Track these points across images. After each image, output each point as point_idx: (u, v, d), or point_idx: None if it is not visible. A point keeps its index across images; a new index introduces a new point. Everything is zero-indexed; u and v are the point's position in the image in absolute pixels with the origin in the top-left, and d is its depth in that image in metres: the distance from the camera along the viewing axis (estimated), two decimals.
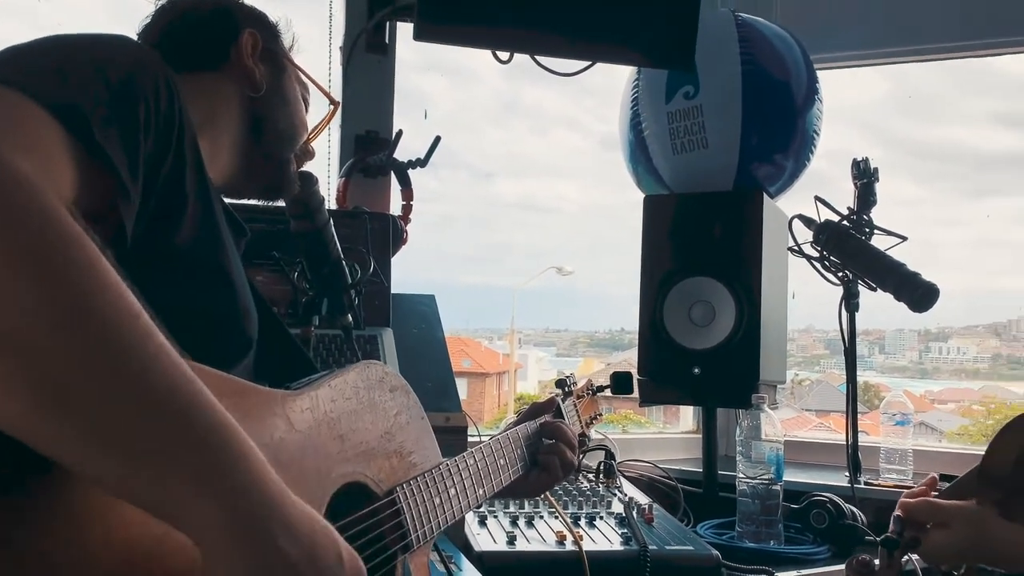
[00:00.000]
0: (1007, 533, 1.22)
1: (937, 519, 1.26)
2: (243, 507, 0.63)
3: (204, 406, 0.63)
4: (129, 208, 0.75)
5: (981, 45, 2.50)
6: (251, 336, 0.95)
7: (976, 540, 1.23)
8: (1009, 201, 5.18)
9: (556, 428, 1.40)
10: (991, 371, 4.90)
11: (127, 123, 0.75)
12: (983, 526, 1.24)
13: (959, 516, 1.25)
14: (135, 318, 0.60)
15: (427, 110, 2.53)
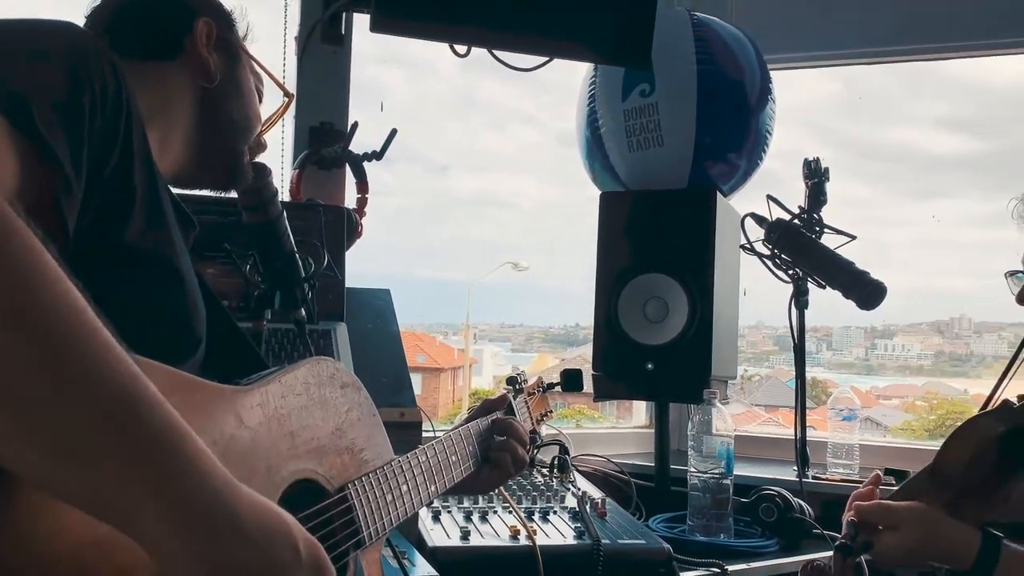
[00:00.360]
0: (955, 533, 1.26)
1: (889, 521, 1.29)
2: (193, 510, 0.62)
3: (151, 406, 0.61)
4: (72, 202, 0.72)
5: (929, 49, 2.57)
6: (200, 334, 0.93)
7: (925, 541, 1.27)
8: (953, 203, 5.34)
9: (508, 425, 1.40)
10: (934, 368, 5.03)
11: (71, 113, 0.73)
12: (932, 527, 1.27)
13: (910, 518, 1.28)
14: (79, 314, 0.59)
15: (383, 102, 2.51)
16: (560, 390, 1.72)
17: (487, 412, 1.45)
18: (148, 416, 0.61)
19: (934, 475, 1.31)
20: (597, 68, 2.23)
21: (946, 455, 1.31)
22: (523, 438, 1.40)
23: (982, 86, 3.60)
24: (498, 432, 1.40)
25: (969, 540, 1.24)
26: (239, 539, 0.64)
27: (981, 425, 1.30)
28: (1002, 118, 4.69)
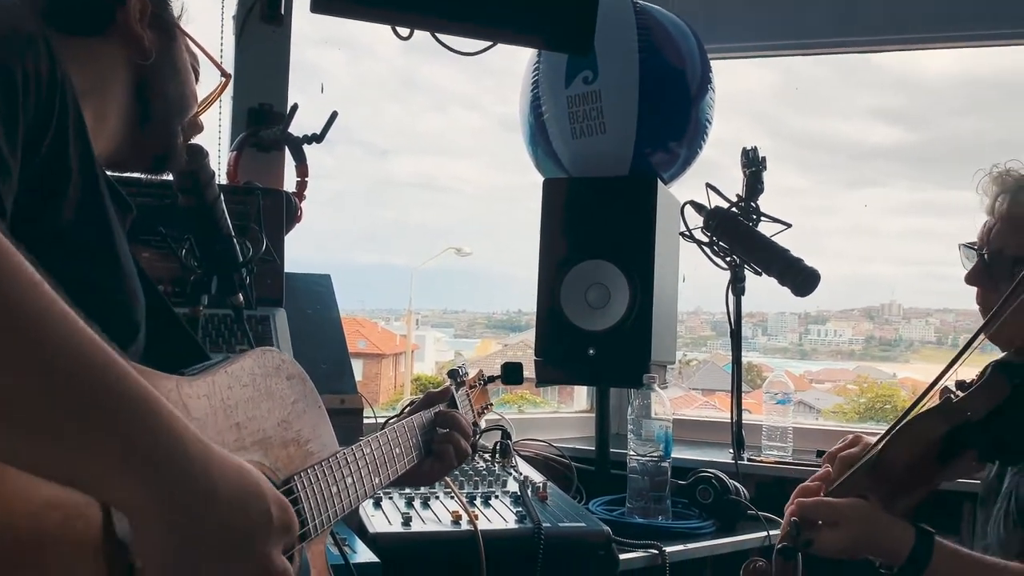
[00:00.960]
0: (891, 530, 1.29)
1: (830, 518, 1.31)
2: (168, 473, 0.63)
3: (120, 372, 0.61)
4: (8, 183, 0.70)
5: (863, 41, 2.63)
6: (139, 320, 0.91)
7: (864, 537, 1.29)
8: (884, 192, 5.49)
9: (451, 417, 1.40)
10: (864, 352, 5.18)
11: (4, 92, 0.70)
12: (871, 523, 1.30)
13: (851, 515, 1.30)
14: (36, 285, 0.58)
15: (323, 84, 2.47)
16: (501, 383, 1.72)
17: (430, 405, 1.45)
18: (117, 382, 0.61)
19: (875, 470, 1.33)
20: (541, 54, 2.23)
21: (889, 453, 1.33)
22: (466, 431, 1.40)
23: (913, 79, 3.71)
24: (441, 424, 1.40)
25: (904, 537, 1.27)
26: (214, 501, 0.65)
27: (925, 424, 1.31)
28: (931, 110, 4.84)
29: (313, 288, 2.00)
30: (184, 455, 0.64)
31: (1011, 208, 1.41)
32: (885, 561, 1.29)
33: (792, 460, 2.26)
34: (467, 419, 1.45)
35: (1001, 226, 1.43)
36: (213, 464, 0.66)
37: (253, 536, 0.69)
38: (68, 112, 0.78)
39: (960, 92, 3.94)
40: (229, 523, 0.66)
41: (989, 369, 1.31)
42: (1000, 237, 1.43)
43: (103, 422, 0.60)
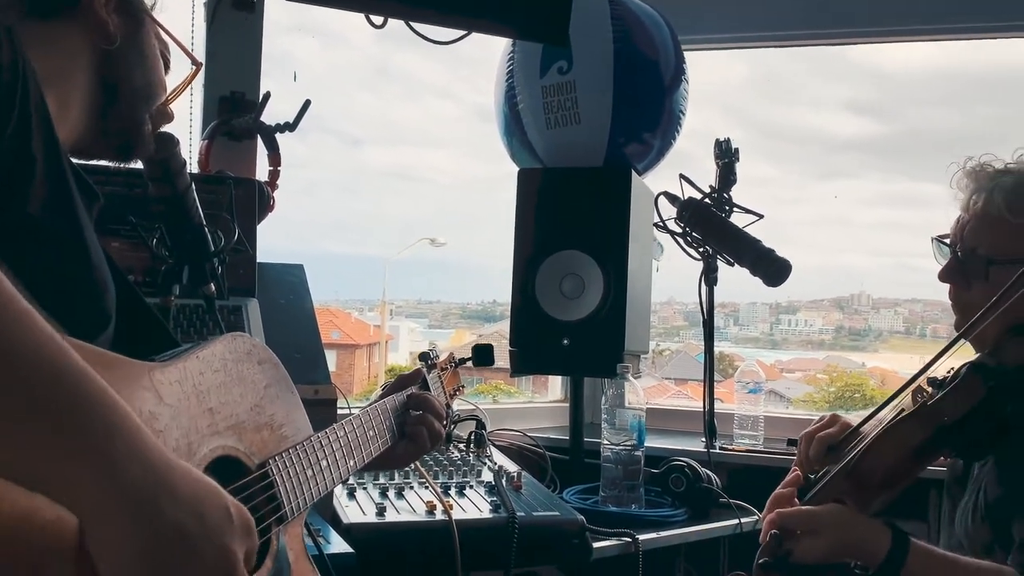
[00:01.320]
0: (868, 533, 1.30)
1: (810, 527, 1.32)
2: (124, 477, 0.62)
3: (75, 372, 0.61)
4: None
5: (835, 34, 2.66)
6: (109, 310, 0.90)
7: (843, 542, 1.31)
8: (854, 183, 5.56)
9: (423, 399, 1.40)
10: (834, 342, 5.25)
11: None
12: (850, 529, 1.31)
13: (829, 522, 1.31)
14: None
15: (295, 72, 2.45)
16: (471, 365, 1.73)
17: (402, 387, 1.45)
18: (75, 385, 0.61)
19: (852, 476, 1.34)
20: (516, 43, 2.23)
21: (867, 460, 1.34)
22: (439, 412, 1.40)
23: (883, 72, 3.75)
24: (414, 407, 1.40)
25: (880, 539, 1.29)
26: (175, 503, 0.65)
27: (905, 431, 1.33)
28: (900, 102, 4.90)
29: (286, 278, 1.98)
30: (142, 455, 0.64)
31: (985, 206, 1.40)
32: (864, 564, 1.30)
33: (763, 448, 2.29)
34: (440, 401, 1.45)
35: (975, 224, 1.42)
36: (172, 466, 0.66)
37: (218, 530, 0.68)
38: (30, 100, 0.77)
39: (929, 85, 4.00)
40: (191, 520, 0.66)
41: (964, 370, 1.31)
42: (974, 235, 1.42)
43: (59, 422, 0.60)
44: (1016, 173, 1.40)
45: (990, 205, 1.39)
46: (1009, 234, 1.37)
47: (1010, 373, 1.30)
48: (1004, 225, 1.38)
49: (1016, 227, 1.36)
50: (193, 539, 0.66)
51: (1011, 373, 1.30)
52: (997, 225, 1.39)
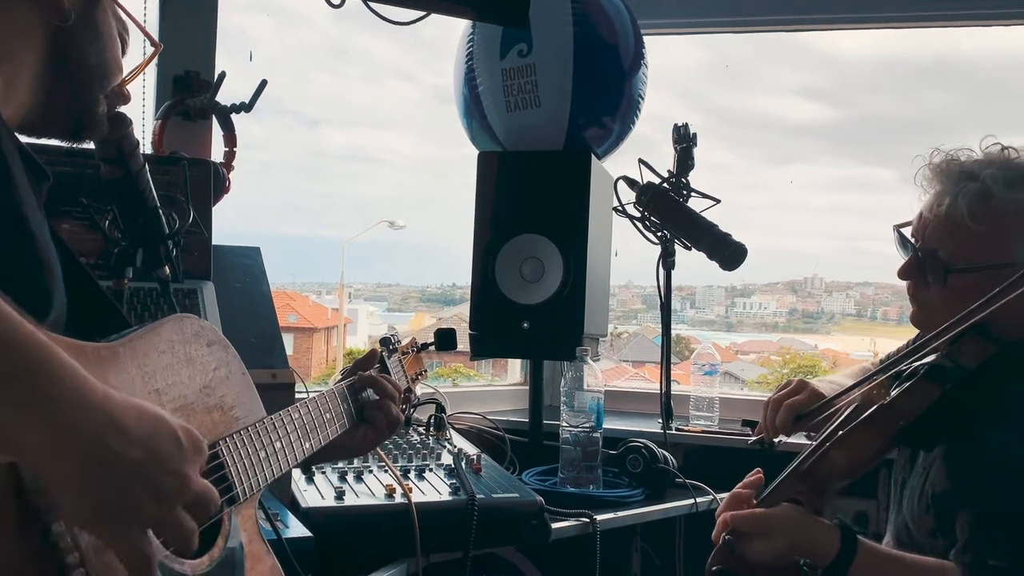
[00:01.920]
0: (819, 533, 1.33)
1: (761, 530, 1.35)
2: (69, 419, 0.64)
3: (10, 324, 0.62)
4: None
5: (791, 20, 2.69)
6: (55, 293, 0.88)
7: (794, 543, 1.34)
8: (808, 168, 5.65)
9: (376, 381, 1.38)
10: (788, 325, 5.35)
11: None
12: (801, 531, 1.35)
13: (781, 526, 1.35)
14: None
15: (251, 52, 2.40)
16: (434, 349, 1.73)
17: (360, 371, 1.44)
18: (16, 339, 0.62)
19: (807, 479, 1.37)
20: (475, 25, 2.21)
21: (823, 464, 1.36)
22: (393, 394, 1.38)
23: (836, 58, 3.81)
24: (367, 385, 1.37)
25: (830, 540, 1.32)
26: (124, 438, 0.67)
27: (863, 437, 1.35)
28: (853, 89, 4.98)
29: (242, 261, 1.96)
30: (86, 398, 0.66)
31: (949, 211, 1.39)
32: (814, 563, 1.33)
33: (718, 429, 2.33)
34: (399, 385, 1.45)
35: (936, 226, 1.42)
36: (113, 400, 0.68)
37: (169, 458, 0.71)
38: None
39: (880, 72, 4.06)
40: (144, 450, 0.69)
41: (922, 372, 1.34)
42: (936, 238, 1.42)
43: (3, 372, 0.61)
44: (981, 179, 1.38)
45: (953, 211, 1.38)
46: (969, 241, 1.38)
47: (967, 375, 1.32)
48: (965, 232, 1.38)
49: (977, 235, 1.37)
50: (144, 470, 0.69)
51: (968, 375, 1.32)
52: (959, 232, 1.38)
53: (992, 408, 1.33)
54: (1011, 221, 1.36)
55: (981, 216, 1.37)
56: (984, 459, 1.31)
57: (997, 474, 1.29)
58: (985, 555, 1.26)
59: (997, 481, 1.29)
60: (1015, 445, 1.28)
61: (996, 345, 1.33)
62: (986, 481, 1.30)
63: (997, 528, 1.26)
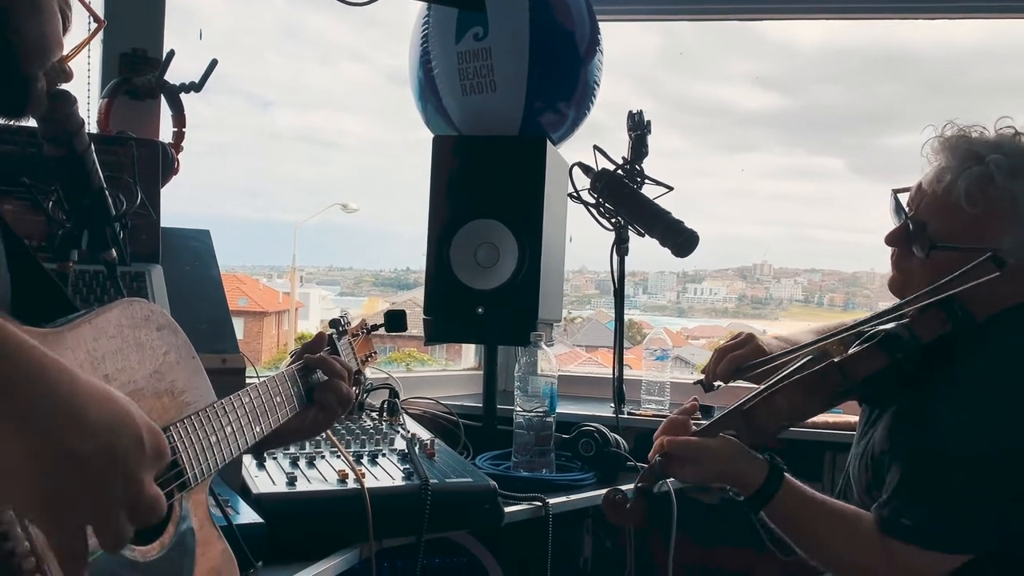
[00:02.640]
0: (749, 465, 1.41)
1: (693, 456, 1.42)
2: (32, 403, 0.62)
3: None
4: None
5: (745, 9, 2.72)
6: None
7: (722, 472, 1.42)
8: (759, 156, 5.73)
9: (324, 361, 1.36)
10: (737, 310, 5.44)
11: None
12: (731, 462, 1.41)
13: (713, 455, 1.41)
14: None
15: (202, 30, 2.35)
16: (384, 331, 1.72)
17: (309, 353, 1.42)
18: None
19: (747, 418, 1.42)
20: (431, 7, 2.19)
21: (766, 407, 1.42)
22: (342, 373, 1.36)
23: (788, 48, 3.86)
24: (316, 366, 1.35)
25: (757, 474, 1.40)
26: (83, 430, 0.65)
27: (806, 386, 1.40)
28: (804, 79, 5.06)
29: (191, 244, 1.92)
30: (44, 378, 0.63)
31: (947, 189, 1.42)
32: (739, 492, 1.42)
33: (669, 413, 2.36)
34: (348, 365, 1.44)
35: (932, 202, 1.45)
36: (79, 388, 0.66)
37: (126, 460, 0.68)
38: None
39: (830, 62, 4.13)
40: (100, 447, 0.66)
41: (879, 338, 1.38)
42: (928, 212, 1.46)
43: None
44: (985, 162, 1.40)
45: (952, 189, 1.41)
46: (961, 222, 1.41)
47: (920, 348, 1.36)
48: (959, 212, 1.41)
49: (970, 217, 1.40)
50: (98, 467, 0.66)
51: (922, 348, 1.36)
52: (952, 211, 1.41)
53: (940, 383, 1.38)
54: (1004, 209, 1.40)
55: (978, 199, 1.40)
56: (922, 428, 1.37)
57: (930, 445, 1.35)
58: (900, 513, 1.33)
59: (928, 451, 1.35)
60: (951, 421, 1.34)
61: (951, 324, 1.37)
62: (919, 449, 1.37)
63: (917, 492, 1.33)
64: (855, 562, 1.38)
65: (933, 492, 1.32)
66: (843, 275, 4.51)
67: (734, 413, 1.44)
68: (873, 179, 6.71)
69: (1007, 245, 1.38)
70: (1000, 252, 1.34)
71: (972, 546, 1.30)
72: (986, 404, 1.33)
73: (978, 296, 1.36)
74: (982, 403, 1.33)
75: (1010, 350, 1.38)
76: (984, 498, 1.29)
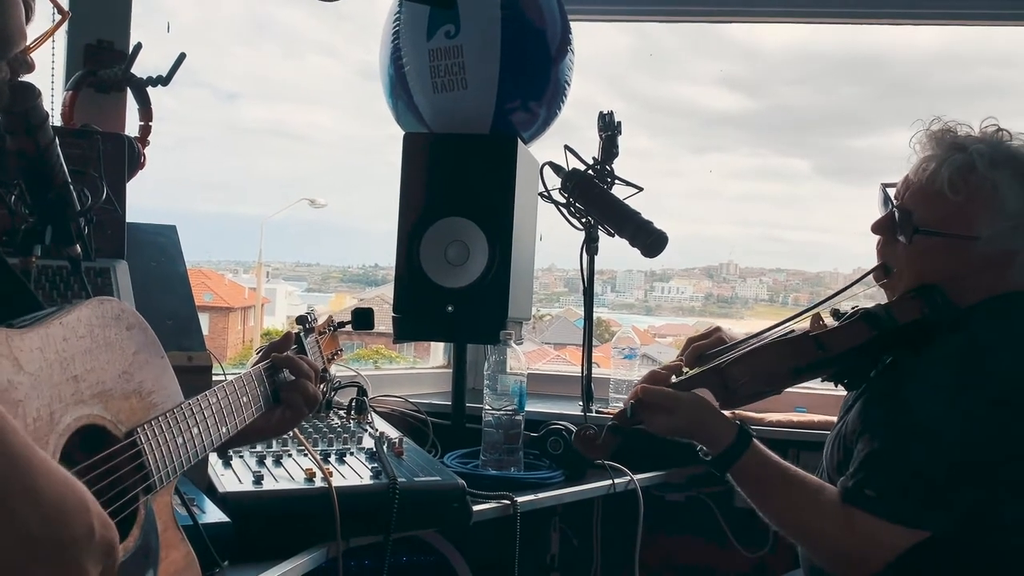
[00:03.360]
0: (719, 425, 1.47)
1: (667, 406, 1.49)
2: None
3: None
4: None
5: (713, 12, 2.74)
6: None
7: (692, 425, 1.49)
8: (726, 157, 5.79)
9: (291, 361, 1.36)
10: (704, 309, 5.48)
11: None
12: (702, 415, 1.48)
13: (684, 407, 1.48)
14: None
15: (169, 23, 2.32)
16: (351, 328, 1.72)
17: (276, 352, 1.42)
18: None
19: (721, 375, 1.50)
20: (402, 3, 2.18)
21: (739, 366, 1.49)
22: (309, 373, 1.37)
23: (755, 50, 3.91)
24: (283, 365, 1.36)
25: (726, 434, 1.46)
26: (35, 513, 0.62)
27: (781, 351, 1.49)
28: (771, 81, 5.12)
29: (157, 240, 1.90)
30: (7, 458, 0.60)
31: (931, 177, 1.46)
32: (708, 449, 1.49)
33: None
34: (315, 364, 1.43)
35: (917, 189, 1.49)
36: (36, 465, 0.63)
37: (73, 547, 0.65)
38: None
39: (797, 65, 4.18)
40: (48, 529, 0.63)
41: (856, 316, 1.47)
42: (913, 200, 1.50)
43: None
44: (968, 151, 1.45)
45: (935, 177, 1.45)
46: (943, 209, 1.45)
47: (897, 328, 1.44)
48: (942, 200, 1.45)
49: (953, 204, 1.44)
50: (49, 548, 0.63)
51: (898, 329, 1.44)
52: (935, 199, 1.46)
53: (912, 363, 1.45)
54: (986, 197, 1.44)
55: (960, 187, 1.44)
56: (890, 404, 1.42)
57: (896, 419, 1.40)
58: (864, 484, 1.37)
59: (894, 425, 1.39)
60: (920, 398, 1.39)
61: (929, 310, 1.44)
62: (885, 423, 1.41)
63: (881, 465, 1.37)
64: (817, 530, 1.42)
65: (897, 465, 1.36)
66: (807, 275, 4.57)
67: (709, 372, 1.51)
68: (838, 180, 6.81)
69: (987, 233, 1.43)
70: (981, 239, 1.42)
71: (932, 523, 1.33)
72: (956, 384, 1.37)
73: (960, 284, 1.44)
74: (952, 383, 1.37)
75: (985, 335, 1.42)
76: (946, 475, 1.32)
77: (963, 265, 1.45)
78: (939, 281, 1.46)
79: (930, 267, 1.47)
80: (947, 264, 1.46)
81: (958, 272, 1.46)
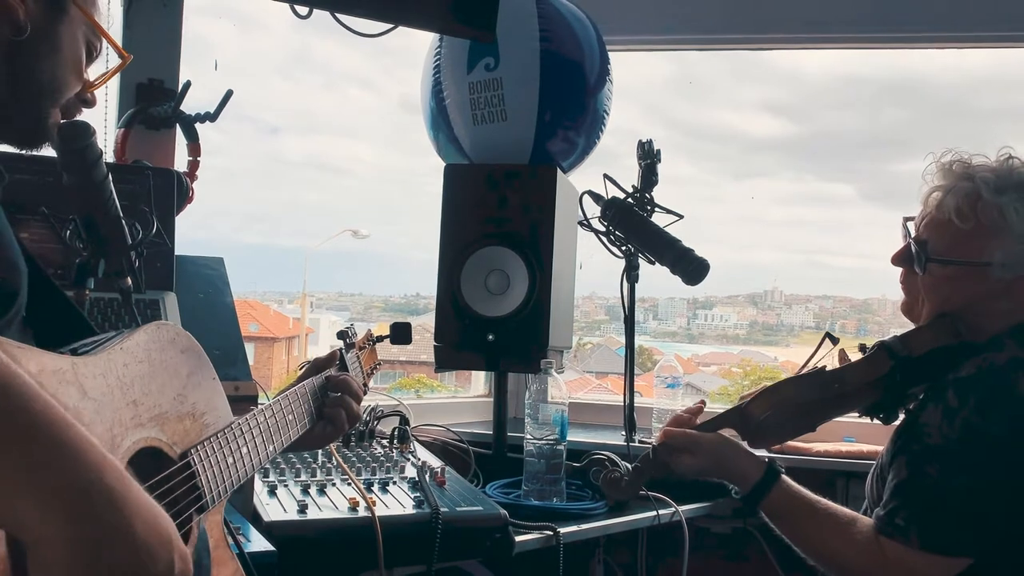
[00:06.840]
0: (745, 463, 1.51)
1: (690, 448, 1.53)
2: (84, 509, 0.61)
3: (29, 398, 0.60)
4: None
5: (755, 39, 2.74)
6: (15, 285, 0.88)
7: (717, 466, 1.53)
8: (768, 183, 5.74)
9: (342, 381, 1.42)
10: (748, 337, 5.42)
11: None
12: (726, 455, 1.52)
13: (707, 448, 1.52)
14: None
15: (217, 60, 2.38)
16: (389, 343, 1.74)
17: (319, 370, 1.45)
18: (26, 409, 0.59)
19: (745, 416, 1.54)
20: (443, 38, 2.22)
21: (758, 403, 1.53)
22: (357, 394, 1.43)
23: (798, 75, 3.89)
24: (332, 389, 1.41)
25: (753, 472, 1.50)
26: (126, 543, 0.64)
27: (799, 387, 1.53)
28: (814, 106, 5.07)
29: (205, 272, 1.94)
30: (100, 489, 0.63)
31: (939, 207, 1.50)
32: (737, 487, 1.53)
33: None
34: (357, 382, 1.47)
35: (929, 219, 1.53)
36: (131, 502, 0.65)
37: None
38: None
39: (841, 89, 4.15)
40: (136, 565, 0.65)
41: (873, 349, 1.51)
42: (926, 230, 1.53)
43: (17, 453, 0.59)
44: (976, 180, 1.47)
45: (943, 206, 1.49)
46: (952, 236, 1.48)
47: (913, 360, 1.47)
48: (950, 228, 1.48)
49: (961, 232, 1.46)
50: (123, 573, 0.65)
51: (914, 360, 1.47)
52: (944, 226, 1.49)
53: (928, 391, 1.48)
54: (993, 222, 1.45)
55: (967, 214, 1.46)
56: (910, 433, 1.44)
57: (916, 446, 1.41)
58: (894, 514, 1.38)
59: (915, 452, 1.40)
60: (934, 424, 1.39)
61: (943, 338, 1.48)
62: (908, 452, 1.42)
63: (909, 493, 1.38)
64: (851, 562, 1.42)
65: (922, 491, 1.36)
66: (855, 301, 4.49)
67: (733, 411, 1.55)
68: (884, 205, 6.72)
69: (999, 259, 1.44)
70: (994, 264, 1.43)
71: (965, 547, 1.32)
72: (974, 408, 1.36)
73: (980, 311, 1.46)
74: (968, 406, 1.36)
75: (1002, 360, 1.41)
76: (967, 498, 1.32)
77: (980, 292, 1.46)
78: (958, 309, 1.48)
79: (947, 295, 1.49)
80: (963, 292, 1.47)
81: (975, 299, 1.47)
